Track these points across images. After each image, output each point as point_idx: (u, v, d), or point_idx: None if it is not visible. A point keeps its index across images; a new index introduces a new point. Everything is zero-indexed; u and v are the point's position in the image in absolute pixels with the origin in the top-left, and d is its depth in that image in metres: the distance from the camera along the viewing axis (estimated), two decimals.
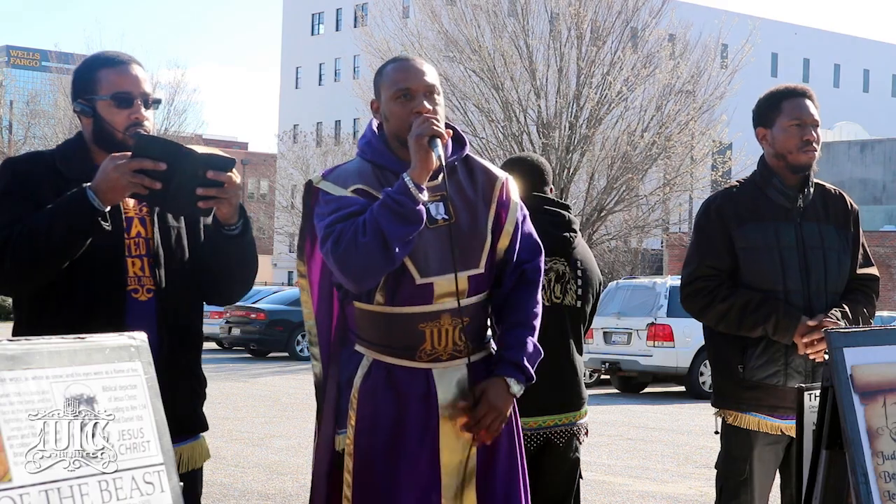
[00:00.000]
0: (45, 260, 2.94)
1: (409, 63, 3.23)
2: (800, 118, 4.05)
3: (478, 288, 3.28)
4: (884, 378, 2.82)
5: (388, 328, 3.21)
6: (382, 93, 3.24)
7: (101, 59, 3.19)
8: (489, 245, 3.28)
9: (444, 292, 3.19)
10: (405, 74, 3.20)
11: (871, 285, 4.20)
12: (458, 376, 3.25)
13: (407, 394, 3.20)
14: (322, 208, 3.18)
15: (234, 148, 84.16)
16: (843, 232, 4.15)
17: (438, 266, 3.19)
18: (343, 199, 3.15)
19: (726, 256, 4.06)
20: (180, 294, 3.18)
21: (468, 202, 3.28)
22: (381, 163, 3.25)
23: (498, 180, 3.35)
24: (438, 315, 3.20)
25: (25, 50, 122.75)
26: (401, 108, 3.18)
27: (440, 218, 3.21)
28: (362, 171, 3.24)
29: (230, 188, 3.01)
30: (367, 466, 3.18)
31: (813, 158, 4.08)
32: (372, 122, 3.38)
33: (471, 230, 3.26)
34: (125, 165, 2.90)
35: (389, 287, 3.17)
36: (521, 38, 27.74)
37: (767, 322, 3.94)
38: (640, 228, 30.87)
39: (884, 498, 2.69)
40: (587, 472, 4.77)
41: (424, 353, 3.21)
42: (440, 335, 3.20)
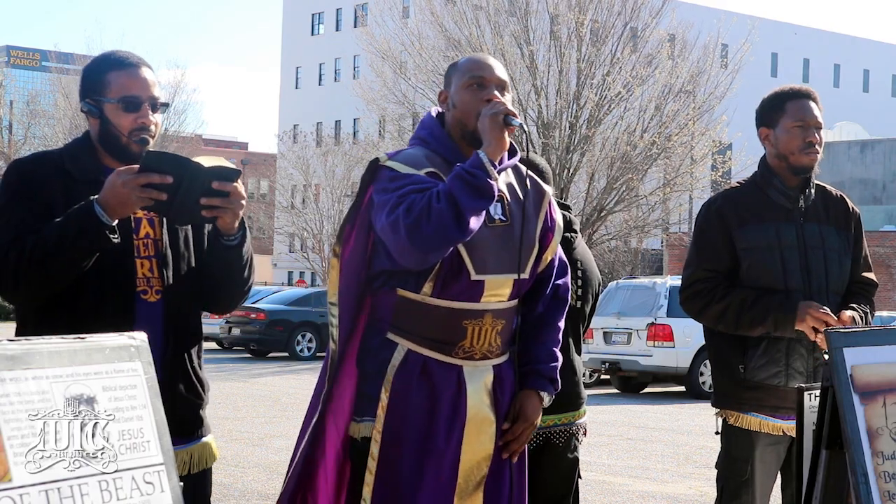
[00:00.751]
0: (53, 275, 2.95)
1: (484, 57, 3.34)
2: (803, 120, 4.05)
3: (519, 292, 3.33)
4: (884, 378, 2.82)
5: (432, 320, 3.22)
6: (454, 82, 3.30)
7: (111, 60, 3.18)
8: (536, 253, 3.35)
9: (492, 292, 3.23)
10: (479, 66, 3.28)
11: (870, 290, 4.21)
12: (486, 378, 3.29)
13: (440, 390, 3.22)
14: (388, 184, 3.16)
15: (234, 148, 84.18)
16: (844, 233, 4.15)
17: (494, 265, 3.23)
18: (415, 176, 3.15)
19: (726, 258, 4.06)
20: (187, 296, 3.18)
21: (522, 207, 3.33)
22: (444, 153, 3.27)
23: (546, 194, 3.45)
24: (483, 314, 3.23)
25: (25, 50, 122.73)
26: (472, 95, 3.24)
27: (498, 217, 3.27)
28: (430, 157, 3.26)
29: (235, 198, 3.02)
30: (393, 455, 3.19)
31: (815, 160, 4.08)
32: (431, 113, 3.40)
33: (524, 235, 3.31)
34: (133, 181, 2.89)
35: (441, 279, 3.18)
36: (521, 39, 27.75)
37: (766, 320, 3.94)
38: (640, 228, 30.87)
39: (884, 498, 2.69)
40: (587, 472, 4.77)
41: (462, 350, 3.24)
42: (480, 334, 3.24)
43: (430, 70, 28.38)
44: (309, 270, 54.40)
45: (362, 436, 3.23)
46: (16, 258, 2.93)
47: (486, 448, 3.28)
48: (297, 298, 26.06)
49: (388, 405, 3.20)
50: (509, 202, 3.30)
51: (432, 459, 3.20)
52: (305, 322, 24.72)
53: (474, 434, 3.25)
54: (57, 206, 3.01)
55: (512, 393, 3.37)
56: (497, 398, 3.32)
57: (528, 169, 4.39)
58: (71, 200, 3.00)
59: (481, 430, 3.27)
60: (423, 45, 28.69)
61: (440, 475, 3.20)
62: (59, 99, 46.54)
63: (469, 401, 3.24)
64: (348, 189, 46.52)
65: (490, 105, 3.15)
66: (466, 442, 3.24)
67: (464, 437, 3.23)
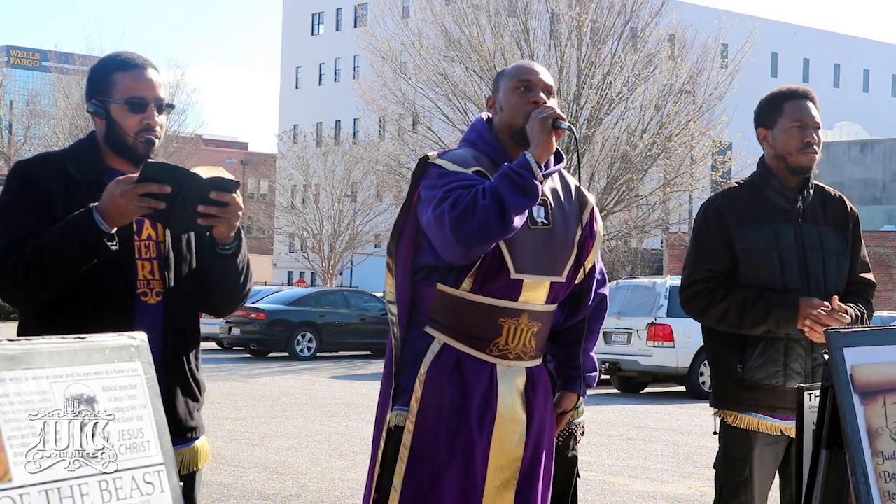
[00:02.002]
0: (52, 280, 2.95)
1: (531, 63, 3.49)
2: (801, 120, 4.05)
3: (556, 297, 3.42)
4: (884, 378, 2.82)
5: (470, 316, 3.29)
6: (502, 86, 3.43)
7: (118, 61, 3.18)
8: (573, 259, 3.43)
9: (530, 292, 3.31)
10: (527, 70, 3.43)
11: (869, 290, 4.21)
12: (518, 378, 3.36)
13: (472, 385, 3.28)
14: (435, 181, 3.26)
15: (234, 148, 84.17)
16: (842, 234, 4.15)
17: (533, 266, 3.31)
18: (463, 174, 3.25)
19: (725, 258, 4.06)
20: (187, 299, 3.19)
21: (564, 212, 3.43)
22: (491, 155, 3.37)
23: (588, 203, 3.55)
24: (520, 313, 3.31)
25: (25, 50, 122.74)
26: (519, 98, 3.37)
27: (540, 220, 3.35)
28: (479, 158, 3.36)
29: (232, 209, 3.03)
30: (425, 446, 3.25)
31: (813, 160, 4.08)
32: (482, 117, 3.52)
33: (563, 239, 3.41)
34: (132, 191, 2.90)
35: (481, 275, 3.26)
36: (521, 38, 27.75)
37: (768, 318, 3.94)
38: (640, 228, 30.87)
39: (884, 498, 2.69)
40: (587, 472, 4.77)
41: (496, 348, 3.31)
42: (516, 333, 3.31)
43: (431, 70, 28.38)
44: (309, 270, 54.39)
45: (395, 424, 3.30)
46: (14, 262, 2.94)
47: (516, 449, 3.34)
48: (297, 298, 26.06)
49: (422, 397, 3.27)
50: (552, 206, 3.40)
51: (462, 453, 3.25)
52: (305, 322, 24.72)
53: (505, 432, 3.31)
54: (58, 207, 3.01)
55: (544, 396, 3.45)
56: (529, 399, 3.38)
57: None
58: (72, 202, 3.01)
59: (512, 430, 3.33)
60: (424, 45, 28.69)
61: (469, 469, 3.26)
62: (59, 99, 46.54)
63: (500, 399, 3.31)
64: (348, 189, 46.56)
65: (539, 109, 3.27)
66: (496, 439, 3.30)
67: (493, 435, 3.30)
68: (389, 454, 3.29)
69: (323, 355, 24.87)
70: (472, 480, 3.26)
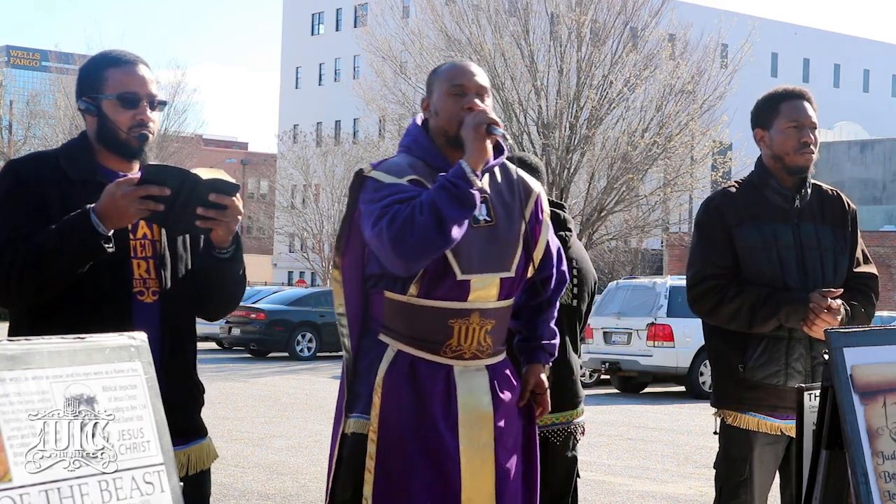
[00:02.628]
0: (47, 281, 2.93)
1: (465, 64, 3.41)
2: (797, 120, 4.06)
3: (508, 293, 3.38)
4: (884, 378, 2.82)
5: (419, 320, 3.27)
6: (435, 89, 3.37)
7: (109, 58, 3.16)
8: (520, 252, 3.39)
9: (479, 291, 3.28)
10: (460, 73, 3.35)
11: (870, 283, 4.19)
12: (478, 377, 3.34)
13: (428, 389, 3.26)
14: (372, 194, 3.23)
15: (234, 148, 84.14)
16: (841, 232, 4.16)
17: (479, 265, 3.28)
18: (398, 186, 3.22)
19: (728, 254, 4.06)
20: (183, 298, 3.17)
21: (507, 207, 3.39)
22: (429, 159, 3.34)
23: (533, 192, 3.50)
24: (469, 313, 3.28)
25: (25, 50, 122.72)
26: (453, 103, 3.31)
27: (482, 219, 3.32)
28: (414, 164, 3.32)
29: (231, 212, 3.02)
30: (392, 452, 3.22)
31: (810, 161, 4.08)
32: (416, 120, 3.46)
33: (508, 234, 3.37)
34: (133, 193, 2.88)
35: (427, 280, 3.23)
36: (521, 38, 27.74)
37: (778, 313, 3.93)
38: (640, 228, 30.86)
39: (884, 498, 2.69)
40: (587, 472, 4.77)
41: (449, 349, 3.28)
42: (468, 333, 3.29)
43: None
44: (309, 270, 54.39)
45: (353, 431, 3.27)
46: (9, 263, 2.91)
47: (486, 445, 3.30)
48: (297, 298, 26.06)
49: (381, 405, 3.24)
50: (494, 202, 3.36)
51: (430, 453, 3.23)
52: (305, 322, 24.73)
53: (472, 430, 3.28)
54: (52, 207, 2.99)
55: (511, 389, 3.41)
56: (495, 395, 3.35)
57: (521, 166, 4.46)
58: (66, 201, 2.99)
59: (479, 426, 3.30)
60: (424, 45, 28.68)
61: (441, 468, 3.23)
62: (59, 99, 46.51)
63: (460, 399, 3.28)
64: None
65: (473, 115, 3.21)
66: (464, 437, 3.27)
67: (460, 433, 3.27)
68: (346, 462, 3.26)
69: (323, 355, 24.87)
70: (446, 479, 3.23)
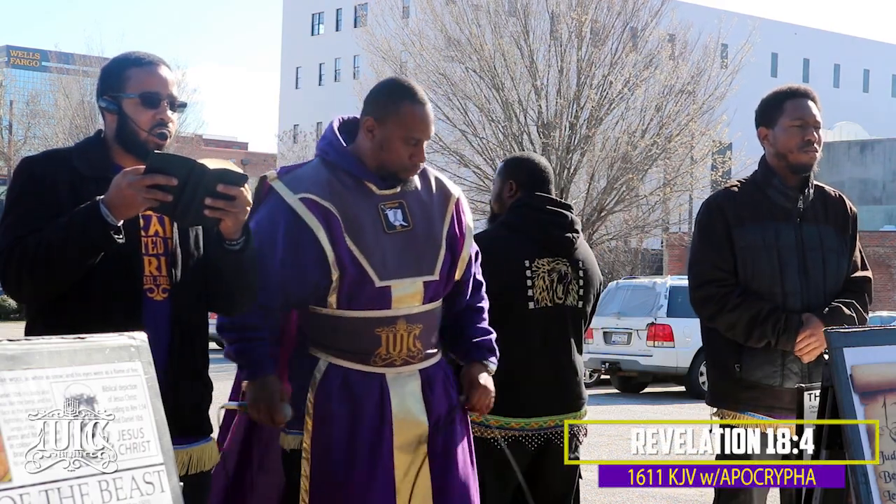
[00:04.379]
0: (57, 274, 2.95)
1: (427, 113, 3.33)
2: (802, 118, 4.06)
3: (433, 296, 3.37)
4: (884, 378, 2.82)
5: (345, 332, 3.27)
6: (390, 124, 3.30)
7: (132, 58, 3.20)
8: (443, 254, 3.38)
9: (401, 297, 3.27)
10: (421, 125, 3.31)
11: (864, 287, 4.21)
12: (412, 383, 3.33)
13: (362, 399, 3.26)
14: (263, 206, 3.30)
15: (234, 148, 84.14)
16: (842, 234, 4.17)
17: (397, 269, 3.27)
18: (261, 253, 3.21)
19: (729, 256, 4.07)
20: (194, 296, 3.17)
21: (425, 210, 3.38)
22: (345, 166, 3.34)
23: (452, 196, 3.48)
24: (395, 320, 3.28)
25: (25, 50, 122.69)
26: (404, 150, 3.30)
27: (398, 224, 3.31)
28: (318, 178, 3.33)
29: (240, 203, 3.02)
30: (325, 468, 3.23)
31: (814, 159, 4.09)
32: (333, 125, 3.47)
33: (427, 238, 3.36)
34: (139, 182, 2.89)
35: (346, 290, 3.22)
36: (521, 38, 27.74)
37: (773, 335, 3.98)
38: (640, 228, 30.86)
39: (884, 498, 2.69)
40: (587, 471, 4.76)
41: (379, 358, 3.27)
42: (395, 340, 3.28)
43: (431, 70, 28.36)
44: None
45: (291, 447, 3.28)
46: (20, 256, 2.94)
47: (418, 449, 3.31)
48: None
49: (314, 419, 3.24)
50: (409, 207, 3.35)
51: (364, 469, 3.22)
52: None
53: (404, 437, 3.28)
54: (65, 203, 3.01)
55: (444, 390, 3.41)
56: (428, 400, 3.35)
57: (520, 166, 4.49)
58: (79, 197, 3.00)
59: (411, 433, 3.30)
60: (424, 45, 28.68)
61: (375, 483, 3.22)
62: (59, 99, 46.52)
63: (394, 407, 3.27)
64: None
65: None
66: (397, 444, 3.27)
67: (394, 440, 3.27)
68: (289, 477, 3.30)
69: None
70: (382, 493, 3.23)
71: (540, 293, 4.24)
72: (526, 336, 4.19)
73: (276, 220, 3.29)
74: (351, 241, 3.23)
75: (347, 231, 3.24)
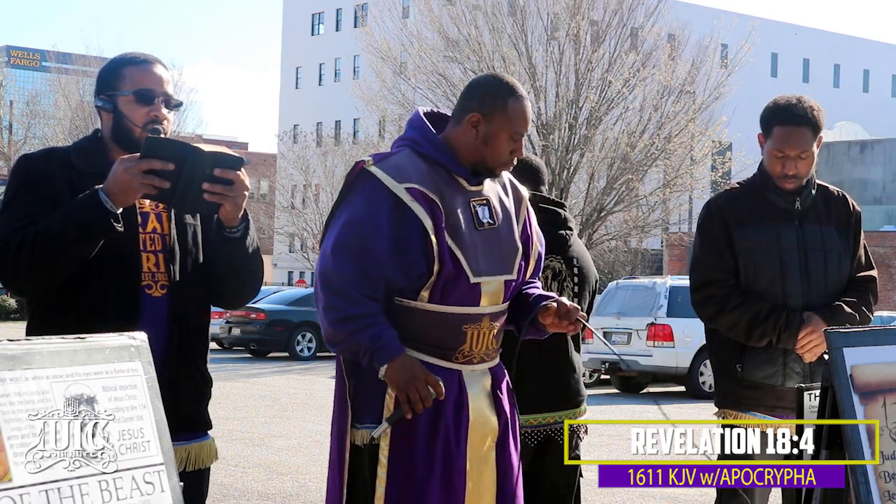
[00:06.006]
0: (58, 262, 2.95)
1: (529, 108, 3.32)
2: (782, 151, 4.06)
3: (510, 294, 3.37)
4: (884, 378, 2.82)
5: (433, 326, 3.23)
6: (498, 121, 3.26)
7: (127, 57, 3.23)
8: (520, 254, 3.38)
9: (488, 294, 3.27)
10: (527, 121, 3.30)
11: (869, 286, 4.22)
12: (484, 381, 3.32)
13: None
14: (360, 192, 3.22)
15: (234, 148, 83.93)
16: (845, 233, 4.17)
17: (487, 267, 3.26)
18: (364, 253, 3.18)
19: (729, 258, 4.09)
20: (192, 292, 3.18)
21: (505, 209, 3.38)
22: (437, 157, 3.27)
23: (524, 198, 3.49)
24: (481, 318, 3.27)
25: (25, 50, 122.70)
26: (506, 147, 3.28)
27: (486, 221, 3.30)
28: (418, 167, 3.25)
29: (238, 187, 3.02)
30: (403, 461, 3.19)
31: (793, 185, 4.11)
32: (419, 112, 3.40)
33: (508, 237, 3.36)
34: (135, 167, 2.91)
35: (440, 285, 3.20)
36: (519, 39, 27.74)
37: (773, 334, 4.00)
38: (640, 228, 30.86)
39: (884, 498, 2.69)
40: (587, 471, 4.76)
41: (461, 355, 3.26)
42: (479, 337, 3.27)
43: (430, 70, 28.37)
44: (309, 270, 54.38)
45: (364, 442, 3.23)
46: (17, 247, 2.94)
47: (490, 453, 3.30)
48: (297, 298, 26.03)
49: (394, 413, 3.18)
50: (494, 205, 3.34)
51: (441, 464, 3.20)
52: (305, 322, 24.70)
53: (477, 437, 3.27)
54: (62, 199, 3.02)
55: (508, 392, 3.40)
56: (497, 399, 3.34)
57: (523, 167, 4.49)
58: (76, 194, 3.01)
59: (483, 434, 3.29)
60: (423, 46, 28.68)
61: (450, 480, 3.21)
62: (59, 99, 46.53)
63: (471, 404, 3.26)
64: None
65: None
66: (471, 447, 3.25)
67: (468, 442, 3.25)
68: (360, 473, 3.23)
69: (323, 355, 24.84)
70: (456, 491, 3.21)
71: None
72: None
73: (378, 207, 3.18)
74: (449, 235, 3.20)
75: (447, 225, 3.20)
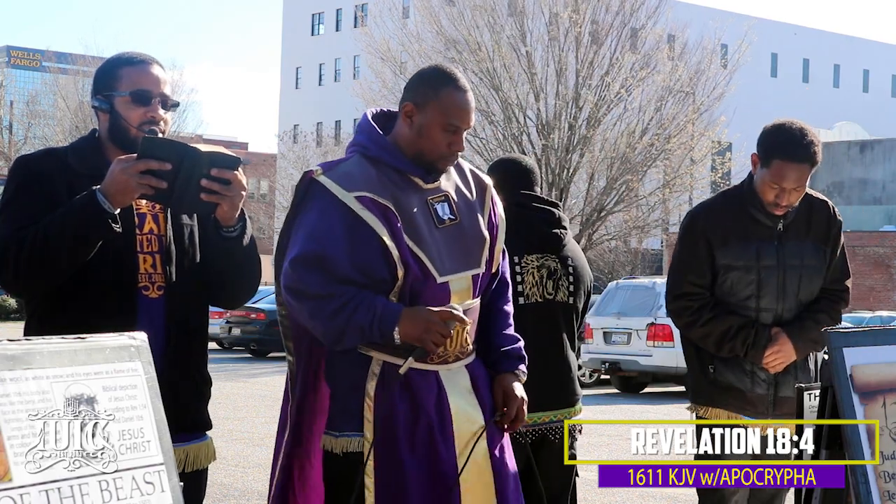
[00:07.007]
0: (57, 263, 2.95)
1: (468, 100, 3.25)
2: (779, 185, 4.09)
3: (479, 289, 3.33)
4: (884, 378, 2.82)
5: None
6: (430, 110, 3.21)
7: (124, 58, 3.22)
8: (487, 246, 3.34)
9: (457, 292, 3.23)
10: (463, 113, 3.22)
11: (841, 295, 4.33)
12: (462, 379, 3.29)
13: (423, 397, 3.20)
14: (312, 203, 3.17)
15: (234, 148, 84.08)
16: (822, 247, 4.26)
17: (452, 265, 3.23)
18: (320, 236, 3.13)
19: (707, 273, 4.22)
20: (190, 293, 3.18)
21: (466, 203, 3.34)
22: (388, 160, 3.23)
23: (488, 187, 3.43)
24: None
25: (25, 50, 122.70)
26: (444, 139, 3.21)
27: (447, 218, 3.26)
28: (367, 175, 3.20)
29: (235, 187, 3.02)
30: (390, 467, 3.16)
31: (783, 213, 4.16)
32: (367, 115, 3.36)
33: (472, 230, 3.31)
34: (132, 167, 2.91)
35: (408, 289, 3.17)
36: (519, 40, 27.75)
37: (742, 350, 4.17)
38: (639, 228, 30.88)
39: (884, 498, 2.69)
40: (587, 471, 4.76)
41: (437, 356, 3.22)
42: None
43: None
44: None
45: (346, 451, 3.19)
46: (16, 249, 2.94)
47: (480, 447, 3.27)
48: None
49: (375, 419, 3.16)
50: (455, 200, 3.30)
51: (431, 467, 3.18)
52: None
53: (465, 435, 3.25)
54: (61, 199, 3.02)
55: (488, 386, 3.36)
56: (479, 395, 3.32)
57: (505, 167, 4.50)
58: (74, 194, 3.01)
59: (470, 431, 3.26)
60: (423, 46, 28.69)
61: (444, 481, 3.19)
62: (59, 99, 46.56)
63: (452, 403, 3.23)
64: None
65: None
66: (459, 445, 3.23)
67: (455, 440, 3.23)
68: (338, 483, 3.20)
69: None
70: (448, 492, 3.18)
71: (530, 289, 4.30)
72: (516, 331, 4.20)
73: (332, 218, 3.14)
74: (409, 238, 3.16)
75: (405, 228, 3.16)
